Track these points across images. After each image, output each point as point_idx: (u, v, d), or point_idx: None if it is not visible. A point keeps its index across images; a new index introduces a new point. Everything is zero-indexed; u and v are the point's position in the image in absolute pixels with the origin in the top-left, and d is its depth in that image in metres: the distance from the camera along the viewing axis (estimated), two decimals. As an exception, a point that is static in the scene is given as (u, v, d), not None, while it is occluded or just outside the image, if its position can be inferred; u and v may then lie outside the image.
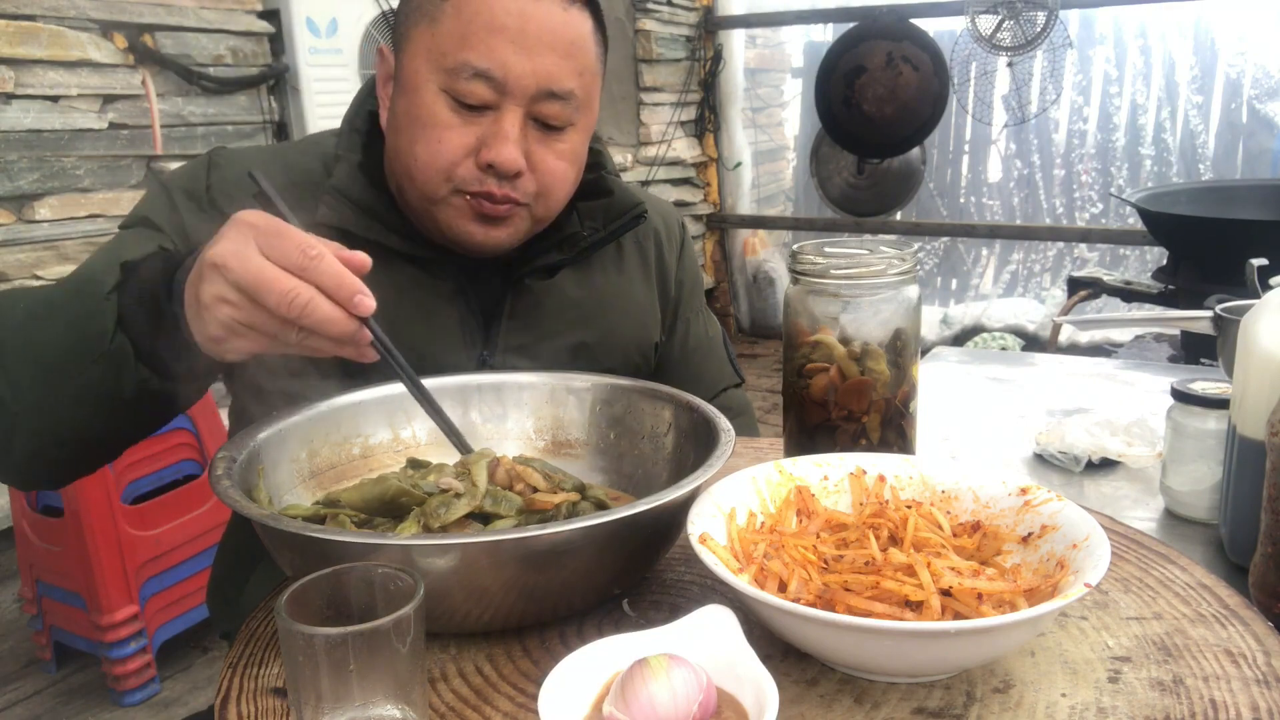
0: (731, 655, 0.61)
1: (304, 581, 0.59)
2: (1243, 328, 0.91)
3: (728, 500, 0.76)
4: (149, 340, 0.84)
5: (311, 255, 0.73)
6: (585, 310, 1.14)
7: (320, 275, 0.73)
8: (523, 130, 0.98)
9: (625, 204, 1.15)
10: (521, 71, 0.95)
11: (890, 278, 0.87)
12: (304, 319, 0.73)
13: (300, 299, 0.72)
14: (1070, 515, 0.71)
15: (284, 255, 0.73)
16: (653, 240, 1.25)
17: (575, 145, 1.03)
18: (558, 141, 1.01)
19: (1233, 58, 5.03)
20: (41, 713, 2.27)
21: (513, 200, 1.00)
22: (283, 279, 0.72)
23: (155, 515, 2.29)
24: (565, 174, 1.03)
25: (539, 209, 1.04)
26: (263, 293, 0.72)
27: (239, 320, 0.75)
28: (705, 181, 5.33)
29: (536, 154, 1.00)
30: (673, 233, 1.29)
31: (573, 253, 1.13)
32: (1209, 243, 2.72)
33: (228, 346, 0.78)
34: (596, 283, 1.16)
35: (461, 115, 0.97)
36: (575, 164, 1.05)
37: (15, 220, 2.46)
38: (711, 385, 1.29)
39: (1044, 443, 1.27)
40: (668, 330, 1.26)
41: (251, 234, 0.74)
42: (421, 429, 0.96)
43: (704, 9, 5.11)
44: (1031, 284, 5.54)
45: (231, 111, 2.89)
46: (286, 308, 0.72)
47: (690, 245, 1.33)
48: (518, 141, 0.97)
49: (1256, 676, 0.65)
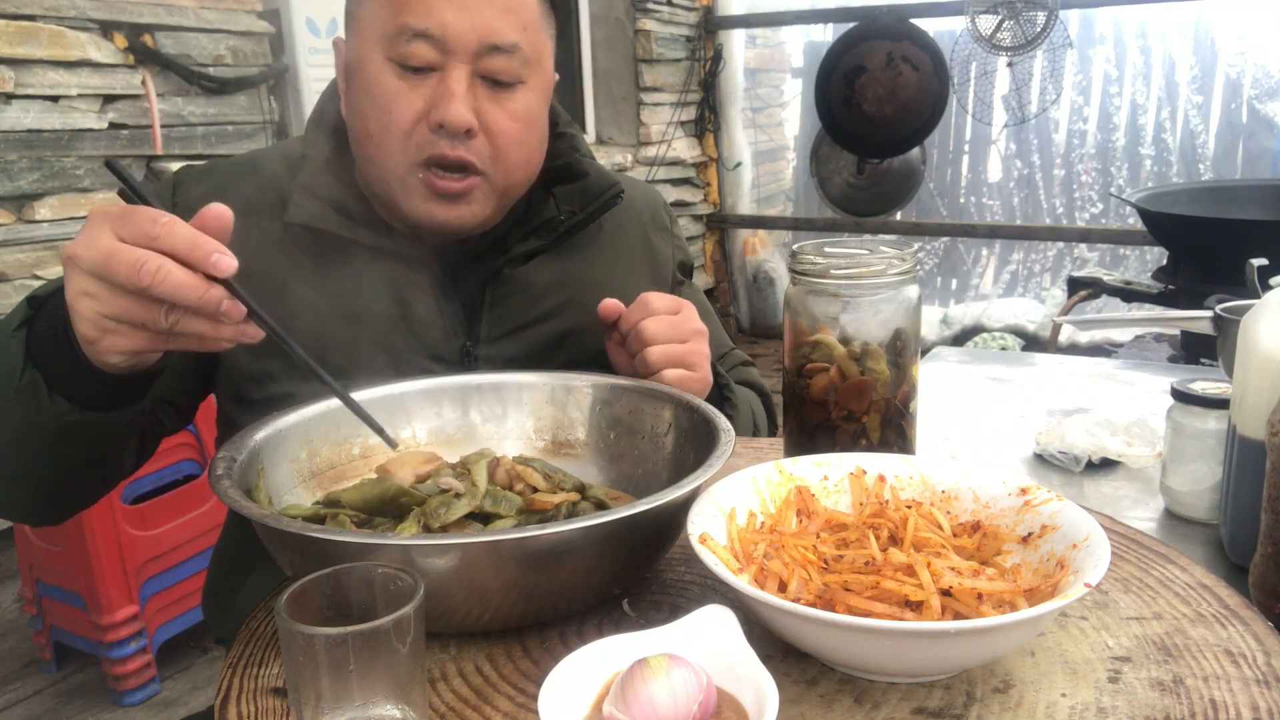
0: (731, 655, 0.61)
1: (304, 581, 0.59)
2: (1243, 328, 0.91)
3: (728, 500, 0.76)
4: (55, 371, 0.80)
5: (161, 223, 0.69)
6: (568, 295, 1.13)
7: (172, 239, 0.69)
8: (470, 88, 0.97)
9: (601, 186, 1.14)
10: (461, 28, 0.95)
11: (890, 278, 0.87)
12: (156, 288, 0.68)
13: (149, 266, 0.68)
14: (1070, 515, 0.71)
15: (134, 230, 0.69)
16: (636, 222, 1.24)
17: (529, 106, 1.01)
18: (509, 100, 0.99)
19: (1233, 58, 5.03)
20: (41, 713, 2.27)
21: (468, 165, 0.98)
22: (129, 250, 0.68)
23: (155, 515, 2.29)
24: (520, 135, 1.01)
25: (498, 177, 1.01)
26: (112, 269, 0.69)
27: (102, 313, 0.72)
28: (705, 181, 5.33)
29: (488, 114, 0.99)
30: (656, 212, 1.28)
31: (551, 238, 1.12)
32: (1209, 243, 2.72)
33: (103, 346, 0.75)
34: (577, 267, 1.15)
35: (408, 80, 0.97)
36: (531, 126, 1.03)
37: (15, 220, 2.46)
38: (715, 346, 1.27)
39: (1044, 443, 1.27)
40: None
41: (106, 222, 0.70)
42: (421, 429, 0.96)
43: (704, 9, 5.11)
44: (1031, 284, 5.55)
45: (231, 111, 2.89)
46: (136, 277, 0.68)
47: (676, 222, 1.31)
48: (465, 98, 0.96)
49: (1256, 676, 0.65)
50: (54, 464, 0.89)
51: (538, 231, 1.12)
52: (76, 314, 0.73)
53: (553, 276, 1.13)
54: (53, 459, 0.88)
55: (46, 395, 0.81)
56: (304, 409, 0.89)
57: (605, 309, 1.01)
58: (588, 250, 1.17)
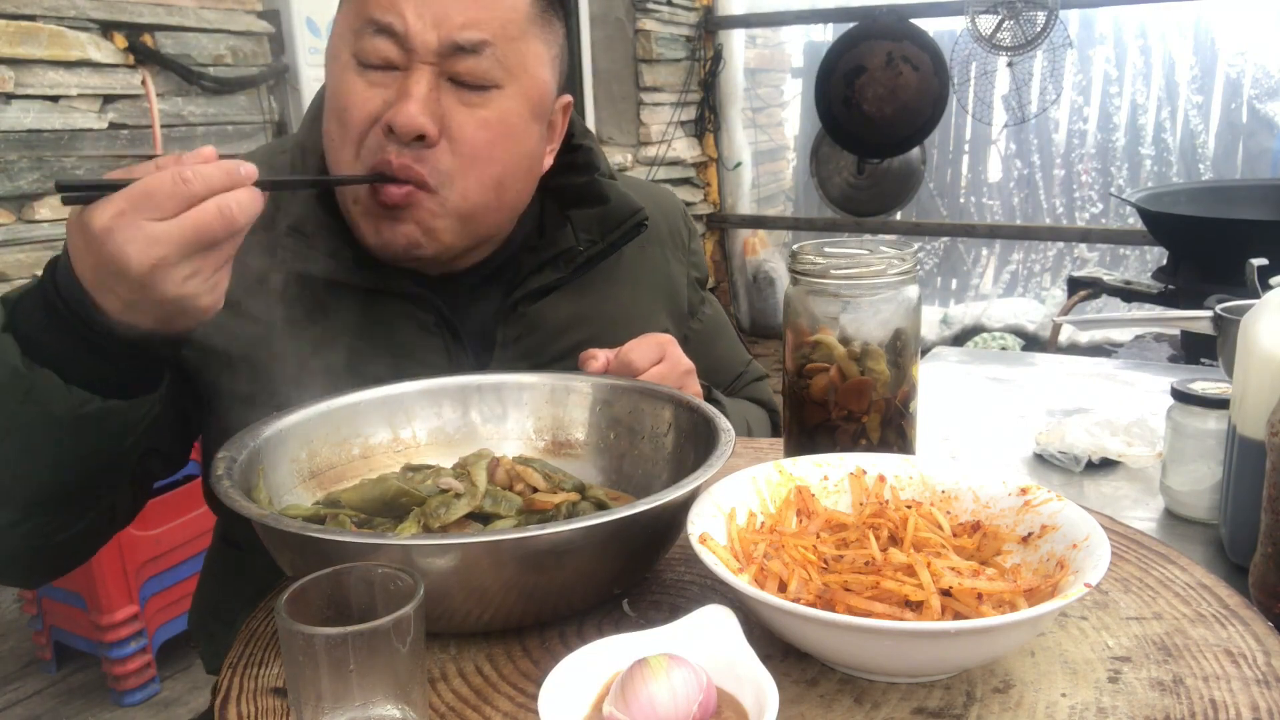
0: (731, 655, 0.61)
1: (304, 581, 0.59)
2: (1243, 328, 0.91)
3: (728, 500, 0.76)
4: (69, 364, 0.76)
5: (185, 178, 0.70)
6: (585, 333, 1.05)
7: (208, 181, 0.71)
8: (434, 91, 0.89)
9: (623, 212, 1.06)
10: (424, 23, 0.87)
11: (890, 278, 0.87)
12: (241, 219, 0.72)
13: (229, 209, 0.71)
14: (1070, 515, 0.71)
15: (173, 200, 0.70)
16: (656, 244, 1.15)
17: (506, 114, 0.91)
18: (480, 106, 0.90)
19: (1233, 58, 5.03)
20: (41, 713, 2.27)
21: (414, 178, 0.89)
22: (203, 210, 0.71)
23: (155, 515, 2.29)
24: (490, 148, 0.91)
25: (453, 196, 0.92)
26: (204, 235, 0.71)
27: (206, 278, 0.73)
28: (705, 181, 5.33)
29: (454, 119, 0.90)
30: (676, 230, 1.19)
31: (569, 269, 1.04)
32: (1209, 243, 2.72)
33: (209, 303, 0.75)
34: (596, 301, 1.07)
35: (368, 78, 0.90)
36: (507, 140, 0.92)
37: (15, 220, 2.46)
38: (730, 368, 1.24)
39: (1044, 443, 1.27)
40: (683, 334, 1.17)
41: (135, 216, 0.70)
42: (421, 429, 0.96)
43: (704, 9, 5.11)
44: (1031, 284, 5.55)
45: (231, 111, 2.89)
46: (231, 223, 0.71)
47: (697, 237, 1.23)
48: (422, 101, 0.88)
49: (1256, 676, 0.65)
50: (77, 478, 0.83)
51: (553, 262, 1.03)
52: (181, 299, 0.73)
53: (570, 312, 1.05)
54: (76, 472, 0.82)
55: (62, 388, 0.75)
56: (304, 409, 0.89)
57: (587, 365, 0.94)
58: (608, 281, 1.08)
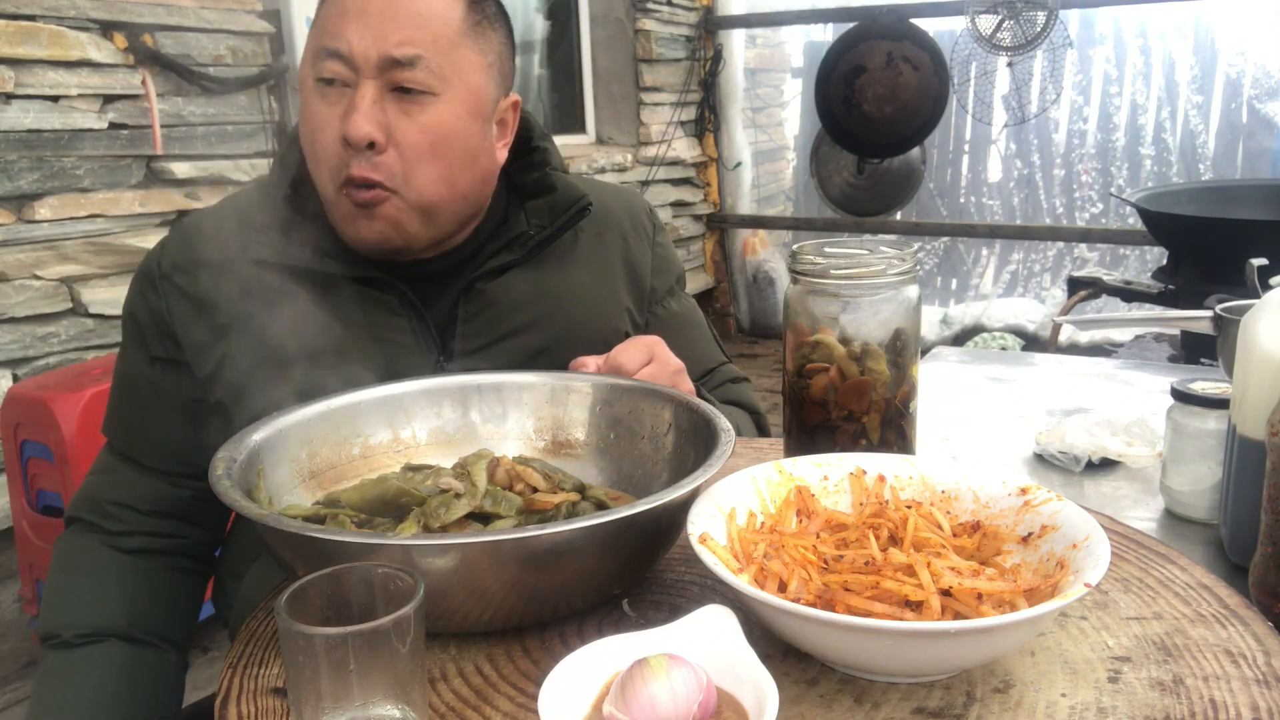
0: (731, 655, 0.61)
1: (304, 581, 0.59)
2: (1243, 328, 0.91)
3: (728, 500, 0.76)
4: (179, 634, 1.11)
5: None
6: (543, 309, 1.13)
7: None
8: (378, 103, 0.99)
9: (569, 199, 1.14)
10: (365, 44, 0.97)
11: (890, 278, 0.87)
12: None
13: None
14: (1070, 515, 0.71)
15: None
16: (616, 232, 1.23)
17: (443, 119, 1.01)
18: (419, 113, 1.00)
19: (1233, 58, 5.03)
20: (41, 713, 2.27)
21: (374, 182, 1.00)
22: None
23: (155, 515, 2.29)
24: (431, 150, 1.01)
25: (410, 193, 1.02)
26: None
27: None
28: (705, 181, 5.33)
29: (398, 126, 1.00)
30: (639, 221, 1.27)
31: (522, 252, 1.13)
32: (1209, 243, 2.72)
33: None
34: (552, 280, 1.15)
35: (329, 99, 1.00)
36: (447, 141, 1.02)
37: (15, 220, 2.46)
38: (700, 362, 1.27)
39: (1044, 443, 1.27)
40: (645, 319, 1.25)
41: None
42: (421, 429, 0.96)
43: (704, 9, 5.11)
44: (1031, 284, 5.54)
45: (231, 111, 2.89)
46: None
47: (663, 230, 1.31)
48: (367, 112, 0.98)
49: (1256, 676, 0.65)
50: None
51: (509, 246, 1.13)
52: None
53: (527, 290, 1.13)
54: None
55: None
56: (304, 409, 0.89)
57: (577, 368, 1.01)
58: (563, 263, 1.17)
